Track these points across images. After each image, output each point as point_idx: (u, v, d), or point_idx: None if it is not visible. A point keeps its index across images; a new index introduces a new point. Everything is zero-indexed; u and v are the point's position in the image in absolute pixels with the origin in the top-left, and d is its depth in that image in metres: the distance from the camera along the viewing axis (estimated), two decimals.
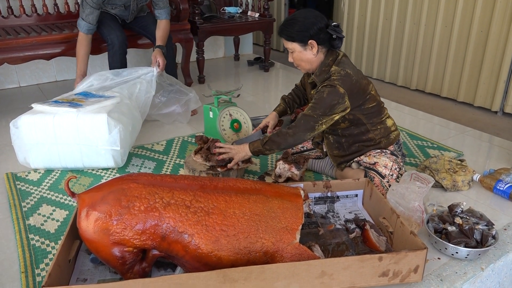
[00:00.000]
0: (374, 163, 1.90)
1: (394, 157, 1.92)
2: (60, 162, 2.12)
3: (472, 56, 3.34)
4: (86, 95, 2.27)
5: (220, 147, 1.93)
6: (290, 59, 1.88)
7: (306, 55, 1.82)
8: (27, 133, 2.04)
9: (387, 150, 1.94)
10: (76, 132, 2.03)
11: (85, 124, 2.02)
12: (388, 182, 1.86)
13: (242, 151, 1.88)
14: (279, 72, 4.08)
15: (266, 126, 2.16)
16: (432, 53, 3.60)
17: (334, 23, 1.80)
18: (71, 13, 3.31)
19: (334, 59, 1.83)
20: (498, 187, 1.93)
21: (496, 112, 3.29)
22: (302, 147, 2.18)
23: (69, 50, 2.83)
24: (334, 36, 1.79)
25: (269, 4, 3.78)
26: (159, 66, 2.57)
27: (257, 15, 3.83)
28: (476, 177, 2.02)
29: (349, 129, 1.92)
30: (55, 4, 3.24)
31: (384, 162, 1.88)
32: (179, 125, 2.74)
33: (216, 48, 4.45)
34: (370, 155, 1.93)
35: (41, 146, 2.07)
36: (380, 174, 1.87)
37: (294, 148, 2.18)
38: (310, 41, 1.77)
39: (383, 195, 1.83)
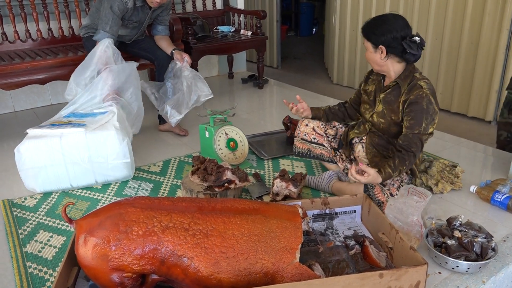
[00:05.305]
0: None
1: (400, 181, 1.94)
2: (70, 182, 2.14)
3: (463, 67, 3.38)
4: (76, 115, 2.30)
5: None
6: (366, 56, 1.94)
7: (374, 57, 1.88)
8: (33, 157, 2.05)
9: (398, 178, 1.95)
10: (86, 150, 2.08)
11: (95, 141, 2.09)
12: (389, 189, 1.87)
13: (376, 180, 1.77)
14: (273, 89, 4.10)
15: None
16: (424, 65, 3.64)
17: (415, 38, 1.81)
18: (65, 37, 3.33)
19: (414, 67, 1.90)
20: (495, 198, 1.93)
21: (489, 122, 3.32)
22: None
23: (64, 74, 2.84)
24: (407, 50, 1.80)
25: (261, 22, 3.82)
26: (186, 61, 2.75)
27: (249, 33, 3.88)
28: (473, 188, 2.03)
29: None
30: (49, 29, 3.26)
31: None
32: (175, 146, 2.74)
33: (210, 66, 4.48)
34: None
35: (49, 169, 2.09)
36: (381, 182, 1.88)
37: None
38: (380, 46, 1.83)
39: (384, 202, 1.83)
